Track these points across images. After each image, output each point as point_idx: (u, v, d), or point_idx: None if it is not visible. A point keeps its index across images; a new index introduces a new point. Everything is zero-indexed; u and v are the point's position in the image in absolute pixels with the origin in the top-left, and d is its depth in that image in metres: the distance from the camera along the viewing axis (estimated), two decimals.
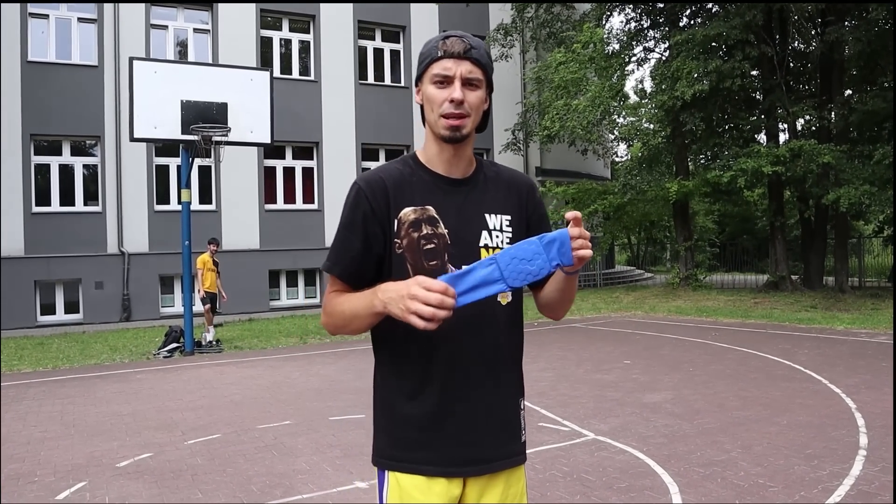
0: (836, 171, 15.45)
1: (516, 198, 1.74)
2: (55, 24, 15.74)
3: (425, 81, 1.62)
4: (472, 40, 1.61)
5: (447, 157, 1.66)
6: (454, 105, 1.57)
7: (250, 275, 16.79)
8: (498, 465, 1.65)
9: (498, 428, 1.65)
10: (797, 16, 17.24)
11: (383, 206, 1.61)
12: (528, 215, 1.75)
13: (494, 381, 1.64)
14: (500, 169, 1.78)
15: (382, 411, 1.68)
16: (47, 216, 15.36)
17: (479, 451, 1.62)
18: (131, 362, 10.21)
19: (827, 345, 9.87)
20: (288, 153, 18.13)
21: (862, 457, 4.69)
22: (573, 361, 9.05)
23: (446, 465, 1.60)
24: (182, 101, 10.41)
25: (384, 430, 1.67)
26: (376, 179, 1.63)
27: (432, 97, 1.60)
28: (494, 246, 1.65)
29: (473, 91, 1.60)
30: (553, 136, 18.52)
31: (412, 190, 1.63)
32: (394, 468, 1.63)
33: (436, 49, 1.60)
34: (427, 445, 1.60)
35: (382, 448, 1.67)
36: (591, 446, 5.18)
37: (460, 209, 1.65)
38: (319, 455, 5.16)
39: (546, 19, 20.42)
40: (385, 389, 1.67)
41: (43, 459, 5.27)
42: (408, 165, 1.68)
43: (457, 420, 1.60)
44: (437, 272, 1.56)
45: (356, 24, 18.78)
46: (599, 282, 22.74)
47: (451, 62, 1.58)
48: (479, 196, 1.68)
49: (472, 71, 1.59)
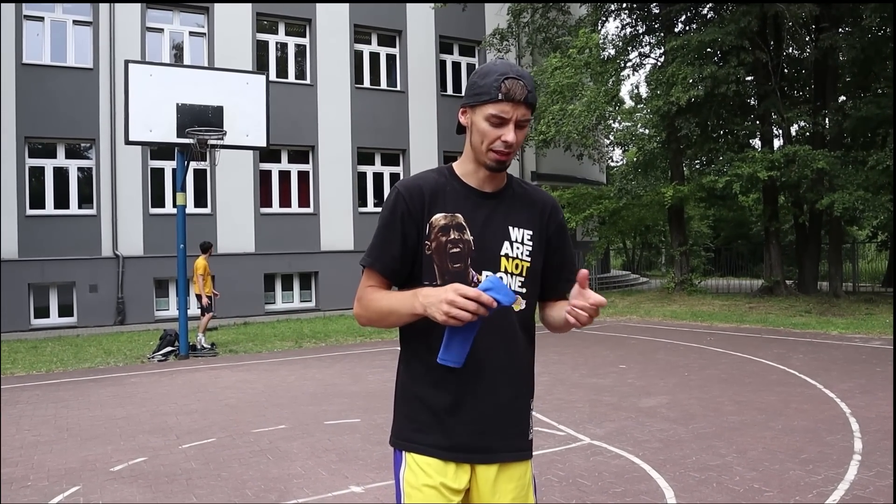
0: (831, 177, 15.50)
1: (539, 216, 1.86)
2: (50, 26, 15.70)
3: (478, 113, 1.71)
4: (529, 82, 1.69)
5: (483, 177, 1.80)
6: (506, 146, 1.69)
7: (245, 278, 16.75)
8: (504, 456, 1.80)
9: (506, 423, 1.80)
10: (791, 22, 17.29)
11: (419, 210, 1.75)
12: (549, 234, 1.88)
13: (507, 380, 1.79)
14: (528, 188, 1.91)
15: (404, 397, 1.82)
16: (41, 219, 15.31)
17: (488, 441, 1.77)
18: (126, 366, 10.18)
19: (821, 349, 9.89)
20: (284, 157, 18.11)
21: (857, 461, 4.70)
22: (569, 366, 9.05)
23: (458, 450, 1.74)
24: (177, 105, 10.40)
25: (405, 415, 1.81)
26: (415, 185, 1.78)
27: (485, 133, 1.70)
28: (514, 256, 1.80)
29: (522, 130, 1.72)
30: (549, 141, 18.54)
31: (445, 198, 1.77)
32: (411, 449, 1.77)
33: (496, 90, 1.66)
34: (441, 431, 1.74)
35: (401, 430, 1.81)
36: (586, 451, 5.18)
37: (486, 219, 1.78)
38: (315, 459, 5.14)
39: (542, 24, 20.47)
40: (408, 378, 1.81)
41: (36, 463, 5.24)
42: (443, 175, 1.82)
43: (470, 411, 1.74)
44: (460, 274, 1.74)
45: (352, 27, 18.79)
46: (595, 286, 22.75)
47: (509, 106, 1.67)
48: (505, 209, 1.82)
49: (525, 115, 1.70)
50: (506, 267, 1.79)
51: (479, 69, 1.75)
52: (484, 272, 1.75)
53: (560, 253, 1.90)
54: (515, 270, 1.80)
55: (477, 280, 1.74)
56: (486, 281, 1.60)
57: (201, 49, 17.19)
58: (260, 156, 17.11)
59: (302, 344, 12.07)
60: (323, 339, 12.50)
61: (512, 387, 1.81)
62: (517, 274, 1.80)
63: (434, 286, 1.70)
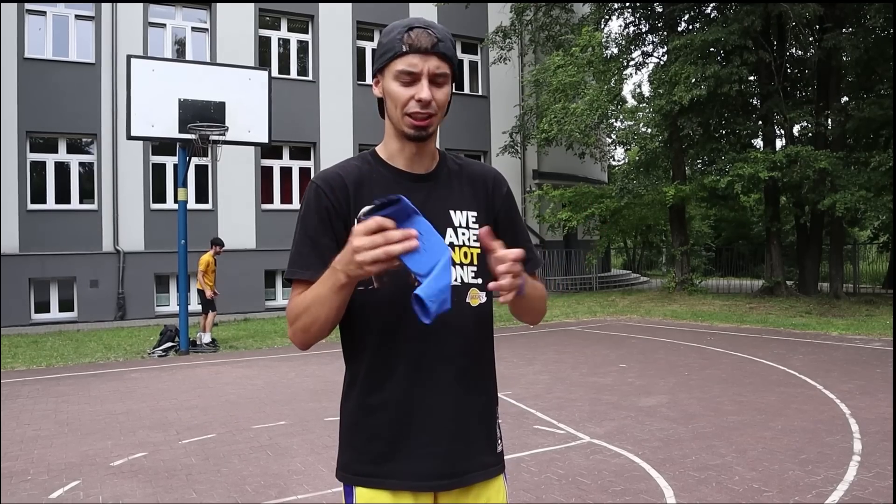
0: (833, 178, 15.50)
1: (483, 192, 1.64)
2: (53, 21, 15.70)
3: (387, 76, 1.50)
4: (439, 31, 1.49)
5: (409, 154, 1.56)
6: (421, 105, 1.46)
7: (246, 274, 16.75)
8: (470, 477, 1.55)
9: (469, 438, 1.56)
10: (795, 22, 17.27)
11: (344, 205, 1.52)
12: (497, 211, 1.65)
13: (465, 389, 1.55)
14: (465, 162, 1.68)
15: (348, 425, 1.58)
16: (43, 214, 15.31)
17: (450, 463, 1.53)
18: (126, 361, 10.18)
19: (822, 350, 9.89)
20: (285, 153, 18.11)
21: (856, 462, 4.70)
22: (569, 364, 9.05)
23: (414, 478, 1.51)
24: (179, 100, 10.40)
25: (350, 445, 1.57)
26: (334, 177, 1.54)
27: (396, 94, 1.48)
28: (461, 244, 1.57)
29: (440, 88, 1.49)
30: (551, 140, 18.54)
31: (372, 187, 1.54)
32: (360, 483, 1.54)
33: (399, 42, 1.47)
34: (393, 458, 1.51)
35: (347, 462, 1.57)
36: (586, 449, 5.18)
37: (423, 206, 1.45)
38: (314, 456, 5.15)
39: (545, 22, 20.45)
40: (350, 402, 1.57)
41: (36, 458, 5.25)
42: (367, 162, 1.59)
43: (425, 431, 1.51)
44: (400, 274, 1.39)
45: (355, 24, 18.78)
46: (595, 285, 22.75)
47: (417, 58, 1.46)
48: (443, 192, 1.59)
49: (439, 67, 1.47)
50: (452, 259, 1.50)
51: (385, 28, 1.54)
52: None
53: (511, 230, 1.65)
54: (465, 260, 1.57)
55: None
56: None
57: (203, 45, 17.17)
58: (261, 152, 17.11)
59: None
60: None
61: (473, 396, 1.57)
62: (467, 263, 1.56)
63: (371, 290, 1.48)
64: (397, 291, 1.47)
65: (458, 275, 1.54)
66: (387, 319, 1.50)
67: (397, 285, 1.47)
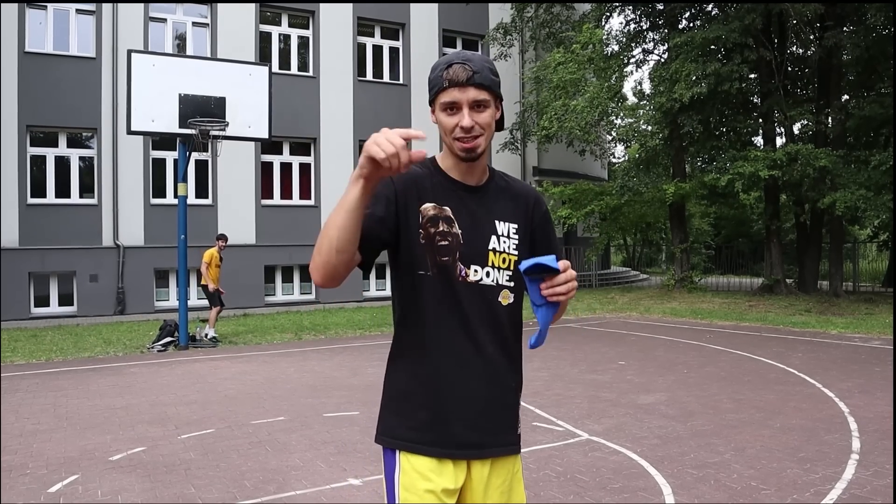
0: (833, 176, 15.49)
1: (524, 209, 1.87)
2: (53, 15, 15.67)
3: (436, 107, 1.71)
4: (476, 64, 1.67)
5: (463, 169, 1.78)
6: (464, 131, 1.67)
7: (246, 270, 16.75)
8: (497, 451, 1.78)
9: (499, 417, 1.79)
10: (796, 20, 17.26)
11: (409, 194, 1.72)
12: (533, 227, 1.88)
13: (499, 376, 1.78)
14: (511, 181, 1.91)
15: (395, 394, 1.79)
16: (43, 208, 15.31)
17: (481, 436, 1.75)
18: (125, 356, 10.19)
19: (821, 349, 9.89)
20: (285, 149, 18.10)
21: (854, 461, 4.71)
22: (568, 361, 9.06)
23: (454, 447, 1.72)
24: (180, 95, 10.38)
25: (395, 412, 1.77)
26: (406, 173, 1.66)
27: (444, 124, 1.70)
28: (501, 250, 1.79)
29: (482, 113, 1.69)
30: (551, 137, 18.54)
31: (432, 189, 1.75)
32: (405, 448, 1.73)
33: (441, 79, 1.68)
34: (437, 429, 1.72)
35: (393, 428, 1.77)
36: (584, 446, 5.19)
37: (473, 213, 1.78)
38: (313, 451, 5.15)
39: (546, 19, 20.43)
40: (399, 374, 1.78)
41: (35, 452, 5.25)
42: (427, 168, 1.79)
43: (464, 407, 1.73)
44: (448, 267, 1.72)
45: (355, 20, 18.75)
46: (595, 282, 22.76)
47: (456, 91, 1.66)
48: (490, 203, 1.81)
49: (477, 95, 1.67)
50: (493, 261, 1.78)
51: (433, 65, 1.75)
52: (472, 266, 1.74)
53: (545, 245, 1.89)
54: (503, 265, 1.79)
55: (464, 273, 1.73)
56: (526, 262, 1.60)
57: (204, 40, 17.15)
58: (262, 147, 17.10)
59: (301, 336, 12.07)
60: (322, 332, 12.51)
61: (503, 381, 1.80)
62: (504, 268, 1.79)
63: (428, 276, 1.72)
64: (448, 283, 1.72)
65: (494, 276, 1.77)
66: (438, 306, 1.72)
67: (449, 279, 1.73)
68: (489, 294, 1.76)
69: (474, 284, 1.75)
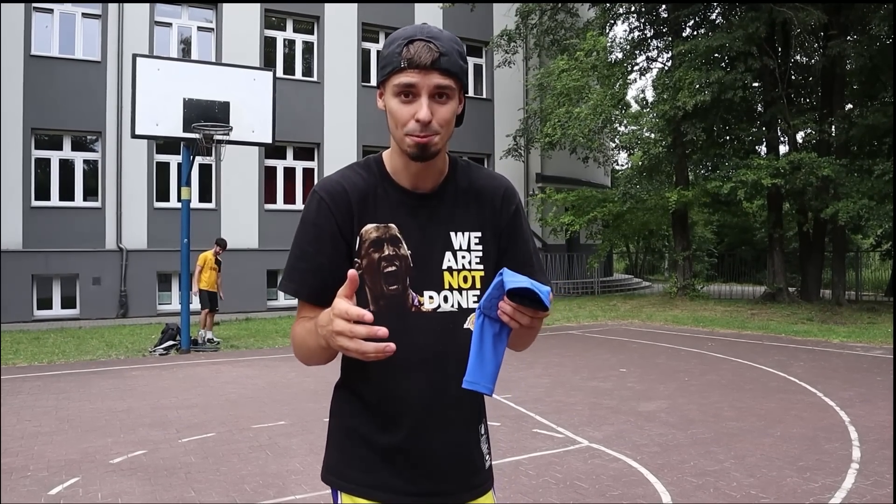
0: (836, 185, 15.48)
1: (490, 209, 1.56)
2: (59, 18, 15.76)
3: (387, 90, 1.41)
4: (443, 44, 1.37)
5: (414, 171, 1.48)
6: (421, 126, 1.37)
7: (248, 274, 16.79)
8: (460, 496, 1.53)
9: (461, 461, 1.54)
10: (800, 29, 17.28)
11: (347, 221, 1.46)
12: (503, 228, 1.57)
13: (458, 412, 1.52)
14: (474, 176, 1.58)
15: (340, 429, 1.55)
16: (46, 210, 15.36)
17: (441, 484, 1.51)
18: (127, 359, 10.21)
19: (822, 357, 9.88)
20: (289, 153, 18.15)
21: (854, 470, 4.70)
22: (569, 368, 9.05)
23: (405, 494, 1.48)
24: (184, 99, 10.42)
25: (340, 449, 1.54)
26: (339, 191, 1.47)
27: (395, 112, 1.39)
28: (459, 268, 1.50)
29: (443, 105, 1.39)
30: (554, 143, 18.57)
31: (375, 204, 1.48)
32: (348, 490, 1.50)
33: (398, 56, 1.37)
34: (384, 471, 1.48)
35: (336, 465, 1.54)
36: (584, 453, 5.19)
37: (424, 228, 1.48)
38: (314, 456, 5.16)
39: (550, 26, 20.48)
40: (345, 407, 1.54)
41: (36, 454, 5.26)
42: (372, 174, 1.51)
43: (420, 449, 1.48)
44: (398, 297, 1.45)
45: (360, 26, 18.82)
46: (597, 289, 22.74)
47: (415, 74, 1.36)
48: (446, 212, 1.51)
49: (441, 83, 1.37)
50: (450, 283, 1.48)
51: (388, 37, 1.43)
52: (426, 292, 1.46)
53: (515, 247, 1.57)
54: (465, 284, 1.50)
55: (417, 302, 1.46)
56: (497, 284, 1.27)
57: (209, 44, 17.23)
58: (265, 152, 17.15)
59: None
60: None
61: (467, 421, 1.55)
62: (467, 288, 1.49)
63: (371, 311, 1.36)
64: (399, 317, 1.44)
65: (455, 300, 1.48)
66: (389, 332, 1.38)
67: (399, 311, 1.45)
68: (450, 322, 1.47)
69: (431, 314, 1.46)
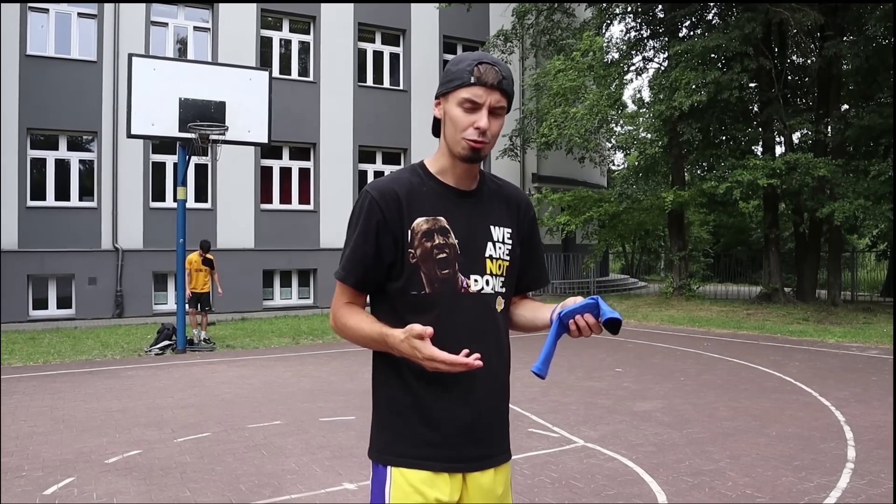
0: (832, 185, 15.51)
1: (515, 212, 1.83)
2: (55, 18, 15.71)
3: (451, 101, 1.65)
4: (504, 69, 1.64)
5: (459, 173, 1.72)
6: (479, 133, 1.62)
7: (244, 274, 16.76)
8: (497, 459, 1.75)
9: (496, 428, 1.76)
10: (796, 30, 17.32)
11: (396, 217, 1.66)
12: (523, 231, 1.84)
13: (494, 383, 1.74)
14: (501, 183, 1.86)
15: (387, 408, 1.72)
16: (42, 210, 15.32)
17: (479, 448, 1.71)
18: (123, 359, 10.19)
19: (818, 357, 9.90)
20: (285, 153, 18.12)
21: (849, 469, 4.72)
22: (565, 368, 9.06)
23: (450, 461, 1.67)
24: (180, 99, 10.41)
25: (387, 427, 1.72)
26: (389, 190, 1.67)
27: (457, 119, 1.64)
28: (498, 257, 1.74)
29: (497, 119, 1.65)
30: (550, 144, 18.56)
31: (423, 200, 1.69)
32: (398, 464, 1.67)
33: (468, 73, 1.62)
34: (431, 442, 1.66)
35: (385, 443, 1.71)
36: (580, 453, 5.19)
37: (469, 220, 1.72)
38: (309, 455, 5.15)
39: (546, 27, 20.48)
40: (390, 387, 1.72)
41: (31, 454, 5.25)
42: (417, 175, 1.73)
43: (464, 419, 1.68)
44: (449, 280, 1.67)
45: (356, 26, 18.80)
46: (593, 289, 22.75)
47: (482, 91, 1.61)
48: (484, 208, 1.76)
49: (500, 101, 1.64)
50: (490, 269, 1.73)
51: (454, 58, 1.69)
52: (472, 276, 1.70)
53: (531, 250, 1.86)
54: (498, 271, 1.74)
55: (466, 285, 1.68)
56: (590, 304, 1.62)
57: (205, 44, 17.20)
58: (261, 152, 17.12)
59: (299, 340, 12.07)
60: (320, 336, 12.51)
61: (502, 392, 1.79)
62: (499, 275, 1.75)
63: (423, 294, 1.66)
64: (451, 297, 1.67)
65: (493, 284, 1.73)
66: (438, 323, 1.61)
67: (452, 292, 1.67)
68: (490, 302, 1.72)
69: (476, 295, 1.70)
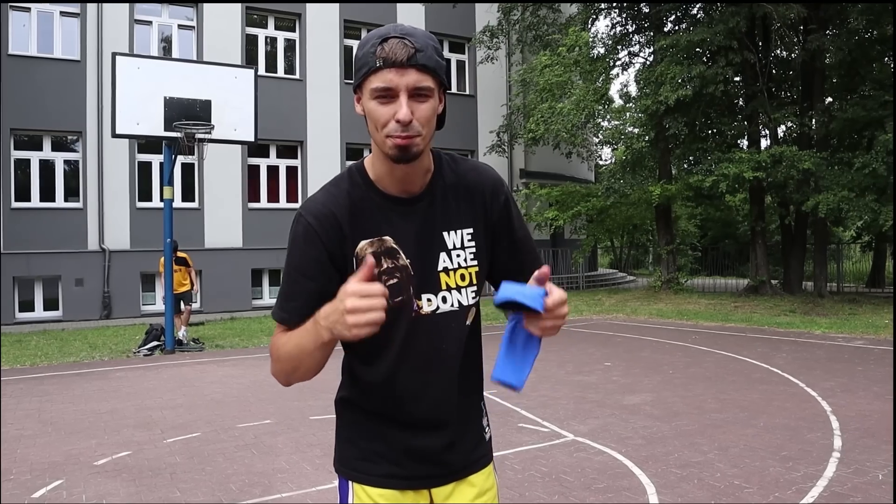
0: (816, 178, 15.64)
1: (480, 204, 1.53)
2: (37, 17, 15.56)
3: (364, 93, 1.38)
4: (417, 40, 1.34)
5: (399, 176, 1.44)
6: (401, 127, 1.33)
7: (233, 273, 16.70)
8: (464, 472, 1.59)
9: (465, 438, 1.59)
10: (780, 23, 17.41)
11: (337, 244, 1.43)
12: (494, 221, 1.55)
13: (460, 390, 1.55)
14: (461, 170, 1.55)
15: (348, 420, 1.60)
16: (27, 212, 15.19)
17: (448, 462, 1.56)
18: (111, 360, 10.13)
19: (805, 349, 9.99)
20: (272, 152, 18.06)
21: (836, 459, 4.77)
22: (554, 363, 9.09)
23: (415, 478, 1.54)
24: (165, 98, 10.35)
25: (349, 441, 1.59)
26: (326, 213, 1.43)
27: (374, 114, 1.36)
28: (454, 267, 1.49)
29: (423, 102, 1.35)
30: (538, 139, 18.59)
31: (365, 218, 1.45)
32: (360, 480, 1.54)
33: (373, 56, 1.34)
34: (395, 459, 1.53)
35: (347, 457, 1.58)
36: (570, 447, 5.22)
37: (418, 232, 1.47)
38: (299, 454, 5.15)
39: (532, 22, 20.51)
40: (352, 398, 1.59)
41: (20, 457, 5.22)
42: (356, 185, 1.47)
43: (427, 435, 1.53)
44: (405, 309, 1.46)
45: (342, 23, 18.76)
46: (582, 284, 22.84)
47: (392, 73, 1.32)
48: (436, 213, 1.49)
49: (419, 81, 1.33)
50: (447, 283, 1.49)
51: (361, 40, 1.41)
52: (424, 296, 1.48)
53: (510, 234, 1.57)
54: (462, 282, 1.50)
55: (417, 307, 1.47)
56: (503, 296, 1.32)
57: (190, 42, 17.09)
58: (248, 150, 17.04)
59: None
60: None
61: (468, 400, 1.60)
62: (465, 285, 1.51)
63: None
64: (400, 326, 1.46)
65: (454, 300, 1.50)
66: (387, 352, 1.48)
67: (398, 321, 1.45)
68: (452, 321, 1.50)
69: (431, 317, 1.48)
